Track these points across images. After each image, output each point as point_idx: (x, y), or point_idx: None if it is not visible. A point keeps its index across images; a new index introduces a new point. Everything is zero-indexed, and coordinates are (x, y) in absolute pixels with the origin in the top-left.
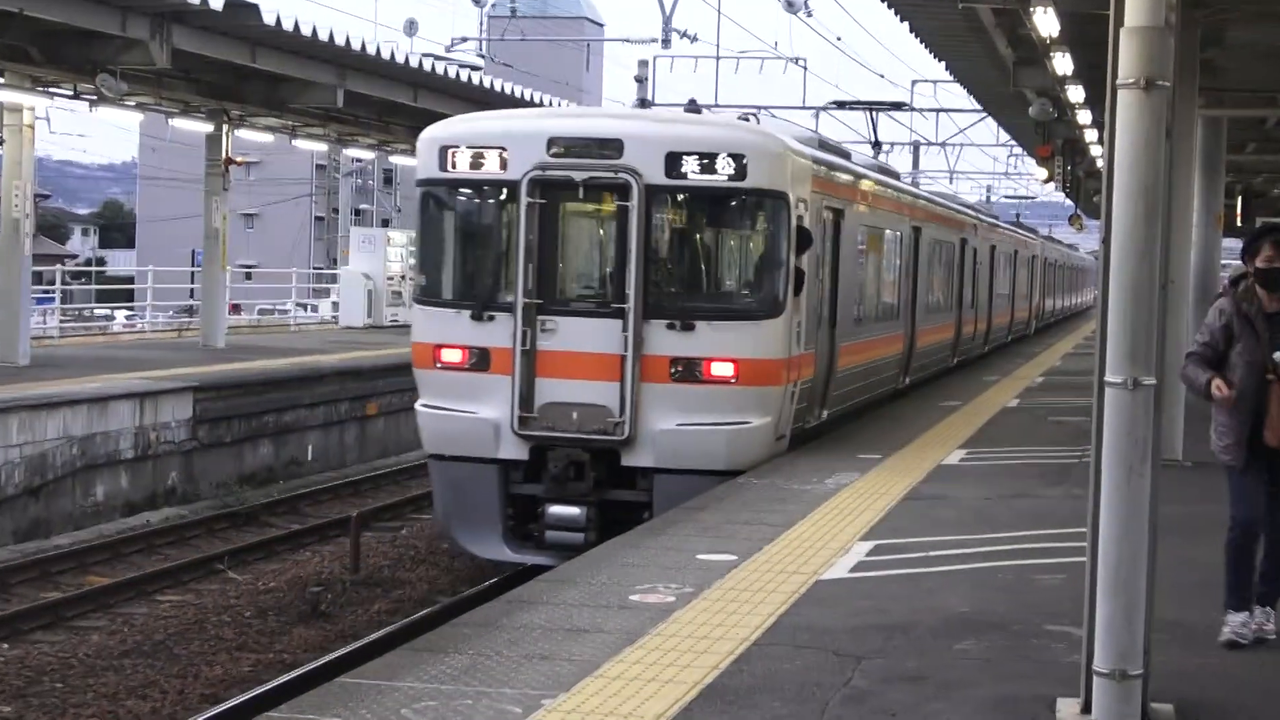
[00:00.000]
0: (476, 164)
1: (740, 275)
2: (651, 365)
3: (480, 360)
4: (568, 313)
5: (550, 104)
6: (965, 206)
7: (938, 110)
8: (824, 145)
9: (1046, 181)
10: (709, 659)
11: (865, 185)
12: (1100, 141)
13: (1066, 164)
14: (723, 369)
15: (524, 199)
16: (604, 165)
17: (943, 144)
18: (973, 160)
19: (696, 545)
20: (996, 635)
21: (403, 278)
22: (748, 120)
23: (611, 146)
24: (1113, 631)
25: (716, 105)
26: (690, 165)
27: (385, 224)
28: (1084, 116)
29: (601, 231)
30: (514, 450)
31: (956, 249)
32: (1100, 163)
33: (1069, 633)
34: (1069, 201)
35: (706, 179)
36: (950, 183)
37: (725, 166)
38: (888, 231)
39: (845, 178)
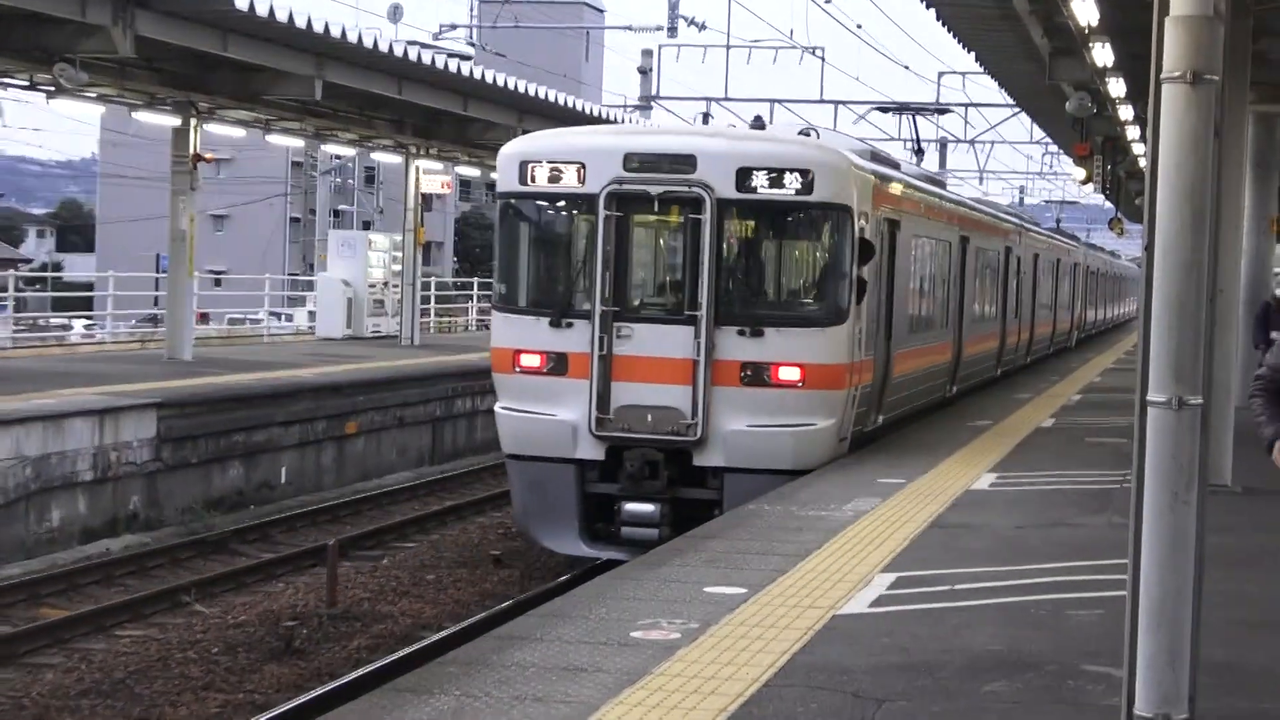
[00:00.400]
0: (555, 178)
1: (806, 284)
2: (722, 369)
3: (558, 365)
4: (643, 319)
5: (548, 97)
6: (1008, 213)
7: (966, 105)
8: (876, 156)
9: (1084, 182)
10: (717, 701)
11: (917, 196)
12: (1143, 139)
13: (1106, 163)
14: (790, 373)
15: (602, 211)
16: (678, 180)
17: (972, 142)
18: (1004, 159)
19: (704, 577)
20: (1029, 676)
21: (385, 285)
22: (808, 135)
23: (685, 162)
24: (1155, 672)
25: (727, 98)
26: (759, 180)
27: (366, 226)
28: (1125, 112)
29: (674, 242)
30: (591, 450)
31: (1001, 257)
32: (1143, 162)
33: (1108, 674)
34: (1109, 204)
35: (775, 193)
36: (980, 183)
37: (793, 181)
38: (938, 241)
39: (900, 190)
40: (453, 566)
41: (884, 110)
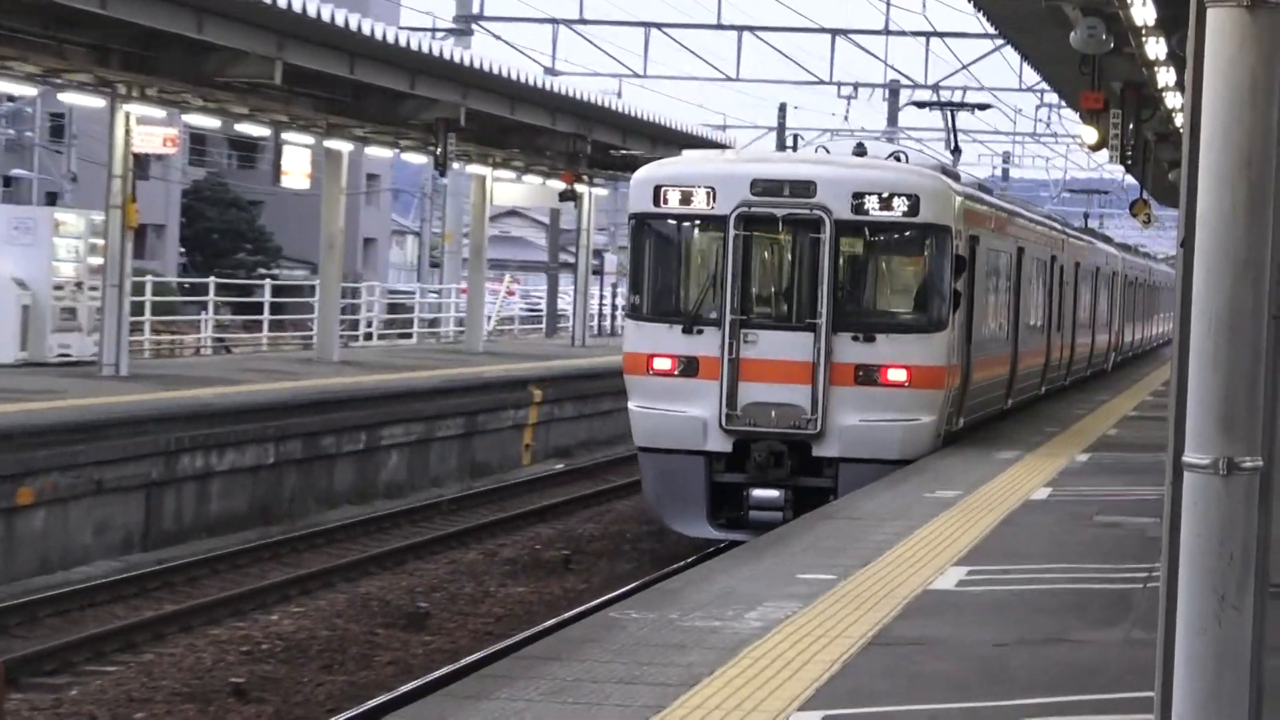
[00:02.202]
0: (686, 200)
1: (912, 295)
2: (838, 371)
3: (688, 367)
4: (767, 327)
5: (319, 15)
6: (1052, 218)
7: (927, 34)
8: (945, 171)
9: (1095, 148)
10: None
11: (987, 210)
12: (1179, 87)
13: (1127, 121)
14: (898, 374)
15: (731, 231)
16: (800, 203)
17: (935, 87)
18: (982, 113)
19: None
20: None
21: (79, 286)
22: (899, 158)
23: (806, 187)
24: None
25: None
26: (871, 203)
27: (52, 200)
28: (1155, 48)
29: (794, 258)
30: (719, 443)
31: (1048, 268)
32: (1179, 120)
33: None
34: (1128, 178)
35: (884, 215)
36: (948, 147)
37: (900, 204)
38: (1002, 254)
39: (978, 207)
40: (173, 701)
41: (920, 106)
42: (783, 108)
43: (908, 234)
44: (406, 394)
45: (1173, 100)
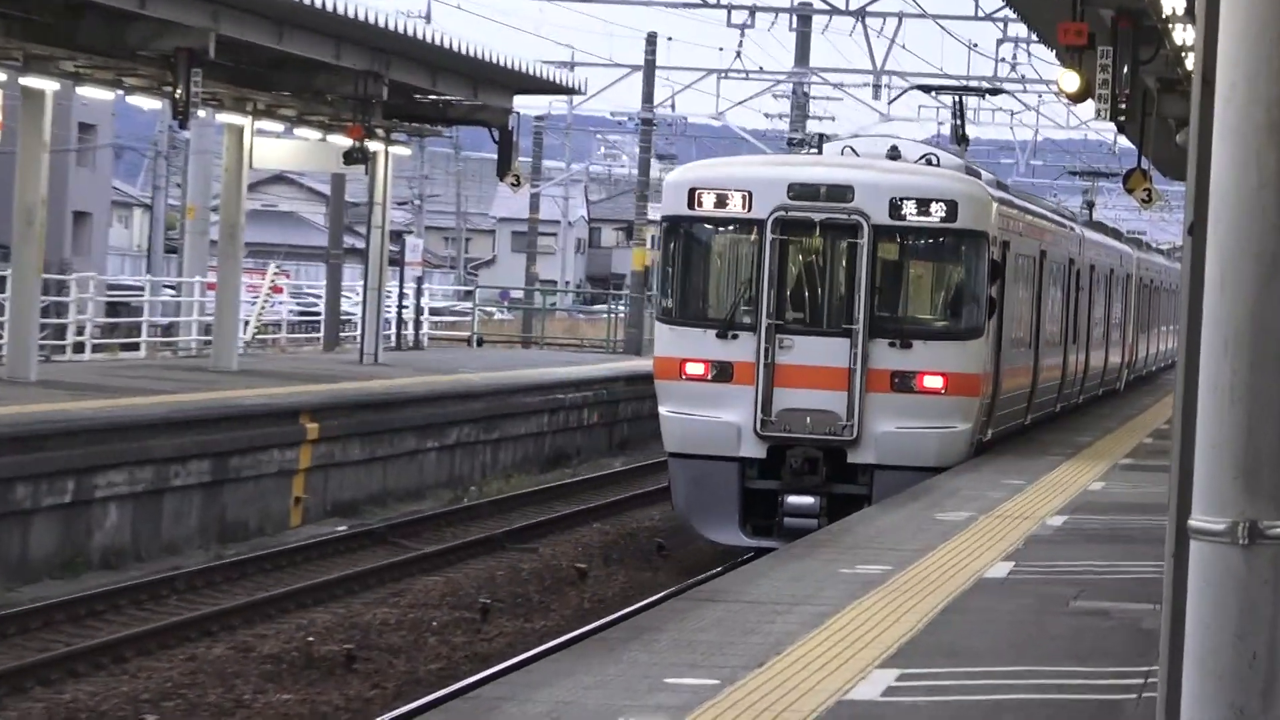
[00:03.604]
0: (722, 204)
1: (949, 302)
2: (874, 377)
3: (722, 372)
4: (803, 332)
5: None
6: (1061, 212)
7: None
8: (970, 171)
9: (1078, 99)
10: None
11: (1016, 213)
12: (1189, 17)
13: (1120, 63)
14: (934, 381)
15: (768, 235)
16: (838, 208)
17: (860, 13)
18: (924, 49)
19: None
20: None
21: None
22: (932, 161)
23: (843, 192)
24: None
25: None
26: (909, 208)
27: None
28: None
29: (831, 263)
30: (753, 449)
31: (1066, 271)
32: (1190, 62)
33: None
34: (1122, 140)
35: (922, 220)
36: (877, 96)
37: (938, 210)
38: (1027, 258)
39: (1010, 210)
40: None
41: (926, 90)
42: (652, 39)
43: (945, 239)
44: (130, 426)
45: (1181, 35)
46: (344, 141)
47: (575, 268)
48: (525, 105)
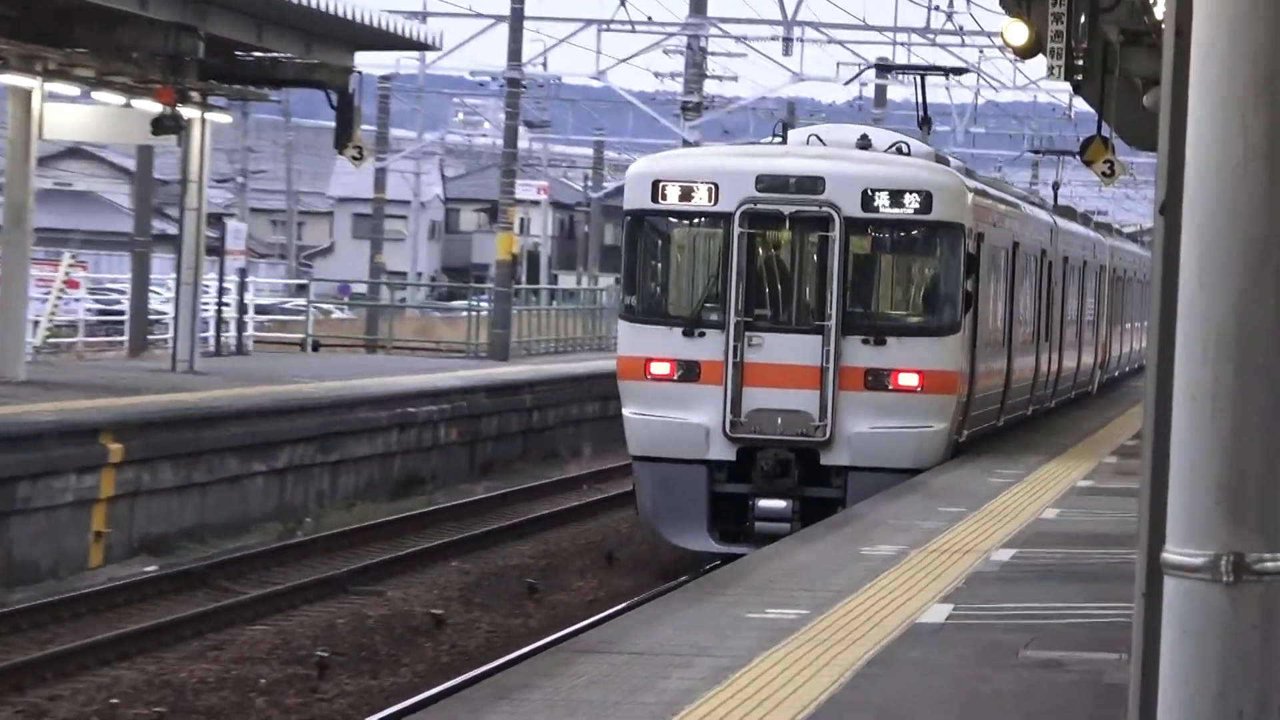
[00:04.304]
0: (687, 196)
1: (924, 296)
2: (847, 375)
3: (689, 372)
4: (773, 329)
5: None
6: (1034, 200)
7: None
8: (939, 160)
9: (1026, 53)
10: None
11: (990, 203)
12: None
13: (1076, 12)
14: (909, 379)
15: (736, 229)
16: (808, 200)
17: None
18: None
19: None
20: None
21: None
22: (902, 149)
23: (814, 183)
24: None
25: None
26: (882, 200)
27: None
28: None
29: (801, 257)
30: (722, 451)
31: (1038, 263)
32: (1160, 10)
33: None
34: (1079, 102)
35: (896, 212)
36: (787, 53)
37: (912, 201)
38: (1000, 249)
39: (984, 200)
40: None
41: (885, 69)
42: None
43: (920, 232)
44: None
45: None
46: (152, 107)
47: (429, 257)
48: (369, 63)
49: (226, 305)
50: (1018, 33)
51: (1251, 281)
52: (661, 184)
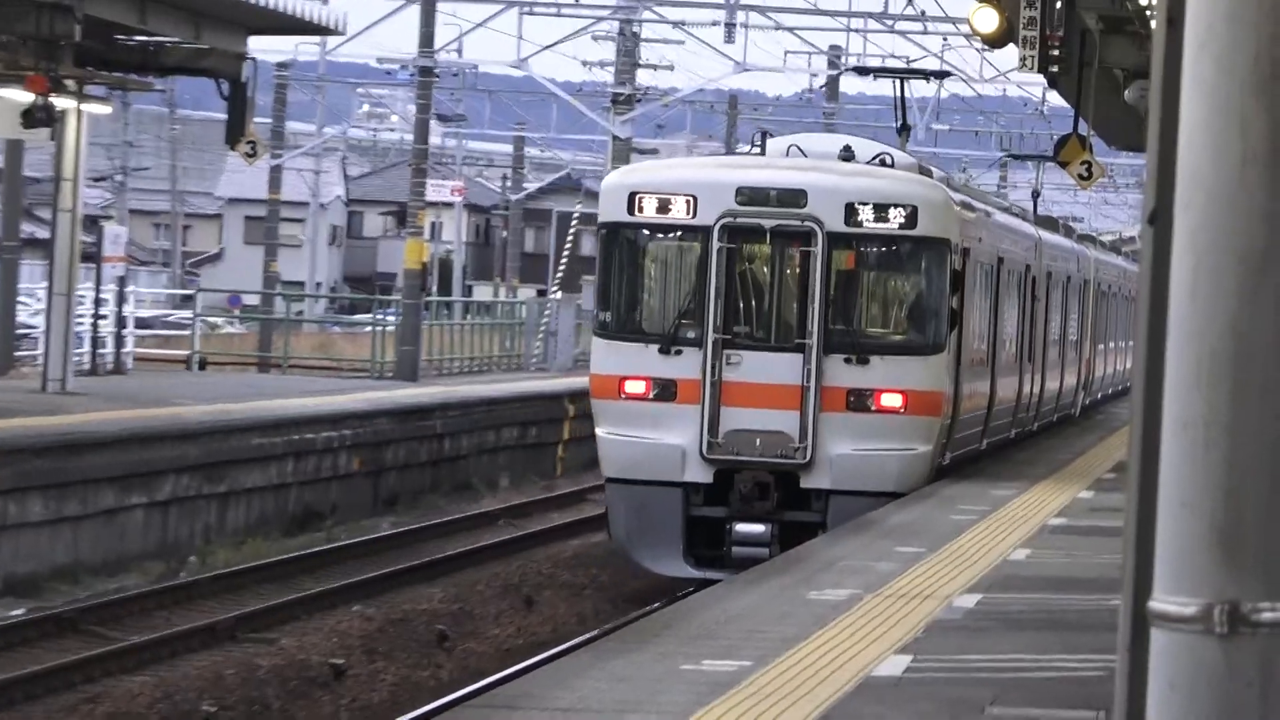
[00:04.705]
0: (664, 209)
1: (908, 314)
2: (829, 395)
3: (665, 391)
4: (752, 347)
5: None
6: (1016, 211)
7: None
8: (922, 171)
9: (996, 42)
10: None
11: (975, 217)
12: None
13: None
14: (892, 399)
15: (715, 243)
16: (790, 214)
17: None
18: None
19: None
20: None
21: None
22: (886, 161)
23: (796, 196)
24: None
25: None
26: (866, 214)
27: None
28: None
29: (782, 273)
30: (699, 473)
31: (1022, 279)
32: None
33: None
34: (1052, 97)
35: (880, 227)
36: (731, 40)
37: (897, 215)
38: (985, 266)
39: (971, 215)
40: None
41: (861, 73)
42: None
43: (905, 247)
44: None
45: None
46: (23, 97)
47: (330, 265)
48: (264, 49)
49: (103, 318)
50: (986, 19)
51: (1249, 297)
52: (638, 196)
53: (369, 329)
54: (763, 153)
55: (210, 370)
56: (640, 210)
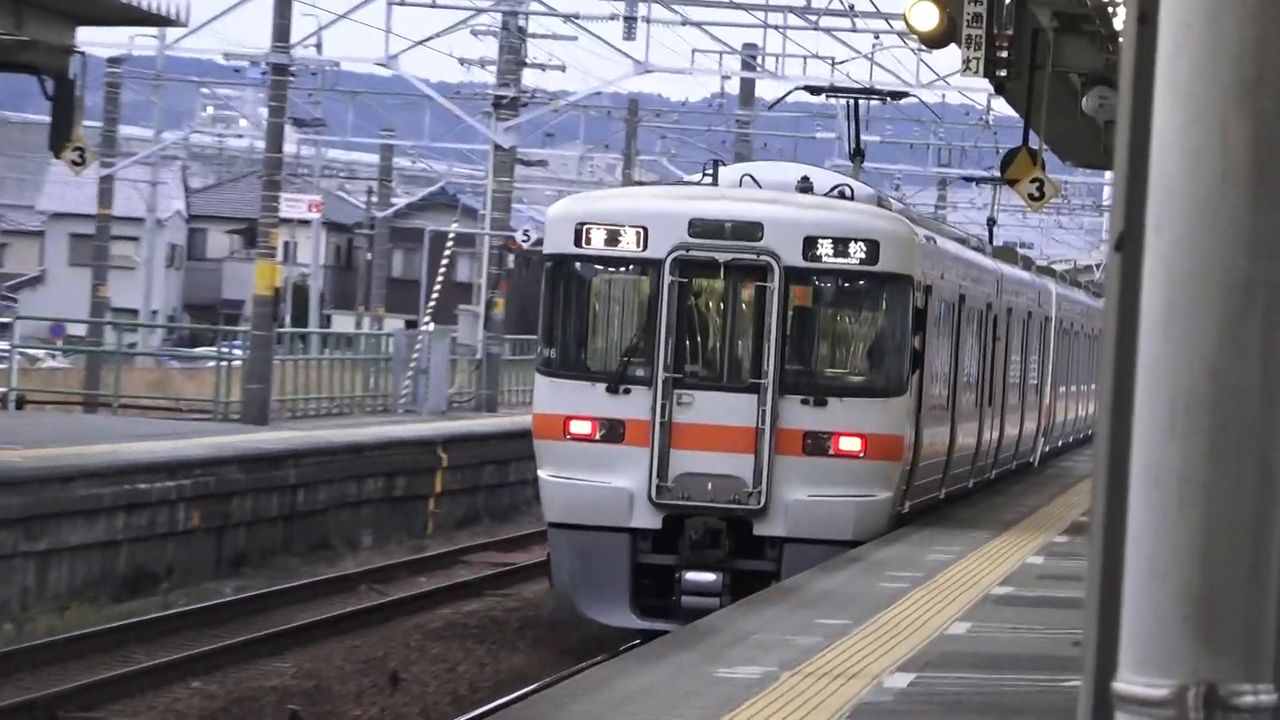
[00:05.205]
0: (613, 241)
1: (868, 354)
2: (784, 438)
3: (612, 431)
4: (704, 387)
5: None
6: (974, 243)
7: None
8: (880, 203)
9: (935, 41)
10: None
11: (938, 251)
12: None
13: None
14: (851, 443)
15: (666, 277)
16: (745, 247)
17: None
18: None
19: None
20: None
21: None
22: (845, 193)
23: (752, 229)
24: None
25: None
26: (825, 248)
27: None
28: None
29: (737, 309)
30: (647, 519)
31: (983, 317)
32: None
33: None
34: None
35: (840, 262)
36: (631, 37)
37: (858, 250)
38: (946, 303)
39: (933, 249)
40: None
41: (814, 92)
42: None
43: (865, 284)
44: None
45: None
46: None
47: (167, 290)
48: (95, 42)
49: None
50: (925, 15)
51: (1230, 333)
52: (585, 227)
53: (212, 364)
54: (715, 182)
55: (29, 409)
56: (588, 242)
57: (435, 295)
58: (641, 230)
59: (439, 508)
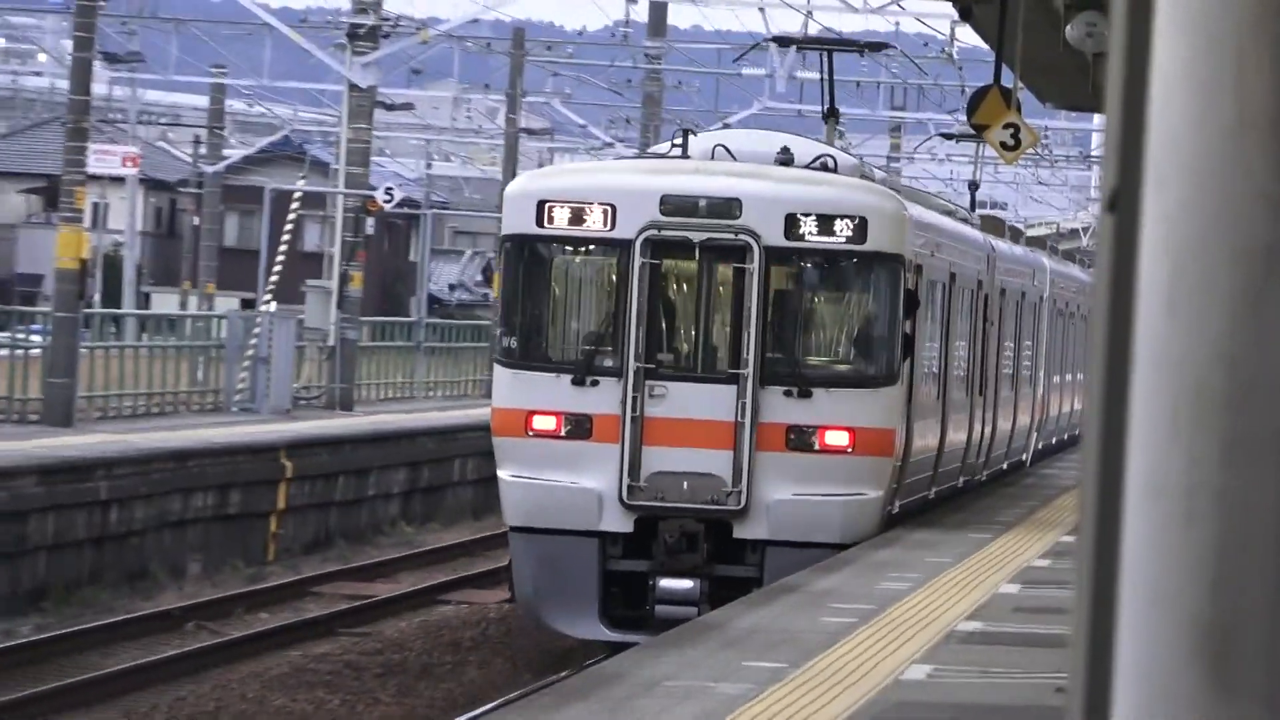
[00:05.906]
0: (578, 219)
1: (856, 340)
2: (766, 433)
3: (578, 427)
4: (679, 378)
5: None
6: (960, 214)
7: None
8: (864, 175)
9: None
10: None
11: (929, 227)
12: None
13: None
14: (838, 438)
15: (637, 259)
16: (722, 226)
17: None
18: None
19: None
20: None
21: None
22: (829, 164)
23: (729, 206)
24: None
25: None
26: (809, 226)
27: None
28: None
29: (714, 293)
30: (617, 522)
31: (975, 298)
32: None
33: None
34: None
35: (824, 240)
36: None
37: (844, 228)
38: (938, 285)
39: (924, 225)
40: None
41: (785, 44)
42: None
43: (853, 265)
44: None
45: None
46: None
47: None
48: None
49: None
50: None
51: (1249, 309)
52: (548, 205)
53: (4, 353)
54: (685, 154)
55: None
56: (550, 221)
57: (278, 268)
58: (609, 208)
59: (282, 528)
